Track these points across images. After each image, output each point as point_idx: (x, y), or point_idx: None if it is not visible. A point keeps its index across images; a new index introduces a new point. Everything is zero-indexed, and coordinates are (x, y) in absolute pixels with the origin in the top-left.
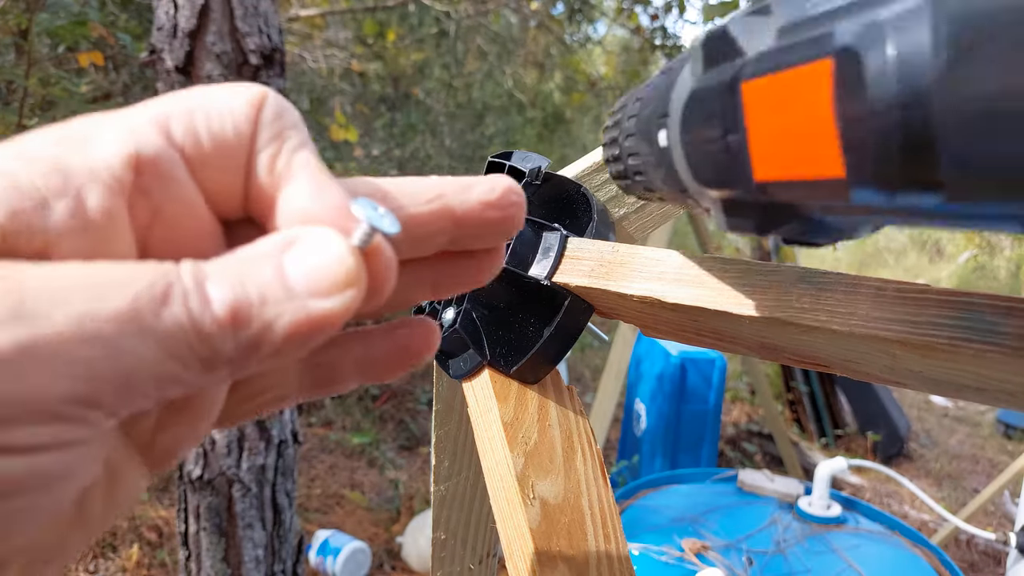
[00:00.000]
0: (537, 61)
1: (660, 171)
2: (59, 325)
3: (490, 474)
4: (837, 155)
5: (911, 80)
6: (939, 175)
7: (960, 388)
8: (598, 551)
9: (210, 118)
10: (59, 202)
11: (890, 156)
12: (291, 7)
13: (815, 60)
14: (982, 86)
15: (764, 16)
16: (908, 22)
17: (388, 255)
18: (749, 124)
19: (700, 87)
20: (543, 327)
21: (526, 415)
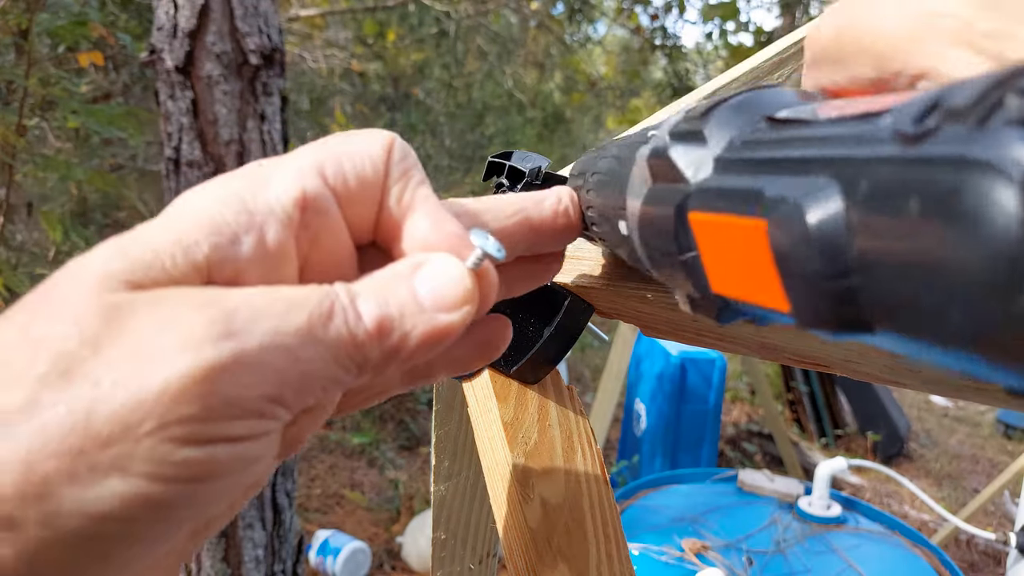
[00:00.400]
0: (537, 61)
1: (624, 249)
2: (258, 339)
3: (490, 474)
4: (781, 295)
5: (833, 254)
6: (871, 323)
7: (960, 388)
8: (598, 551)
9: (354, 161)
10: (247, 237)
11: (823, 308)
12: (291, 7)
13: (751, 216)
14: (879, 250)
15: (700, 145)
16: (824, 200)
17: (493, 276)
18: (701, 248)
19: (651, 207)
20: (543, 327)
21: (526, 415)
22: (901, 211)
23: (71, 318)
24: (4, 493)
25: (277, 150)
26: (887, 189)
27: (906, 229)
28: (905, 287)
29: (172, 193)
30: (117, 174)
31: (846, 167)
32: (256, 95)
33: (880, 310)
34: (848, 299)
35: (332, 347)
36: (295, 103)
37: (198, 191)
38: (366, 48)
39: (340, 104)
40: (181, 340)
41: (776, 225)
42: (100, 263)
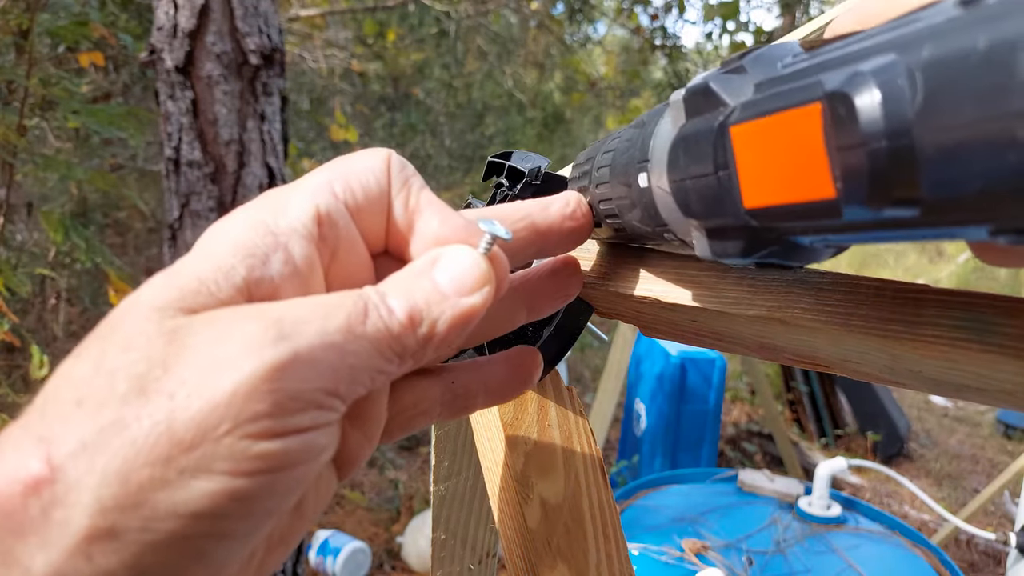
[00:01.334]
0: (537, 61)
1: (636, 211)
2: (308, 340)
3: (490, 474)
4: (828, 180)
5: (894, 116)
6: (919, 193)
7: (960, 388)
8: (598, 551)
9: (360, 177)
10: (276, 255)
11: (879, 178)
12: (291, 7)
13: (806, 104)
14: (948, 121)
15: (740, 74)
16: (887, 71)
17: (503, 257)
18: (739, 161)
19: (688, 134)
20: (543, 327)
21: (526, 415)
22: (967, 65)
23: (138, 346)
24: (106, 506)
25: (277, 150)
26: (952, 47)
27: (971, 85)
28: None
29: (172, 193)
30: (117, 174)
31: (909, 41)
32: (256, 95)
33: (939, 175)
34: (906, 168)
35: (373, 340)
36: (295, 103)
37: (224, 223)
38: (366, 48)
39: (340, 104)
40: (242, 347)
41: (833, 101)
42: (152, 296)
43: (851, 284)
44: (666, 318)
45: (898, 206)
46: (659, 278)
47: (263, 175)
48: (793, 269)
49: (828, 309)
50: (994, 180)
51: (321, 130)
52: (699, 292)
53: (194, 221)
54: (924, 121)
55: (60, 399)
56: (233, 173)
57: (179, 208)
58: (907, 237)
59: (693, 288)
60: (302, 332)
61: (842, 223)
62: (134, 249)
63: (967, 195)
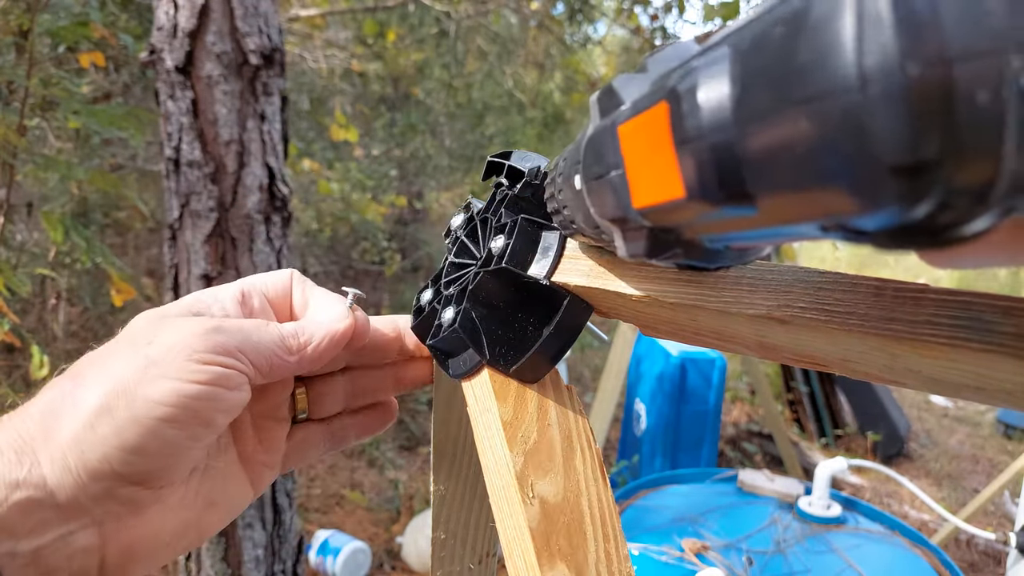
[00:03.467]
0: (537, 61)
1: (580, 214)
2: (233, 324)
3: (489, 473)
4: (677, 178)
5: (714, 111)
6: (747, 189)
7: (959, 387)
8: (597, 550)
9: (270, 279)
10: (215, 305)
11: (709, 176)
12: (291, 7)
13: (657, 103)
14: (757, 114)
15: (642, 73)
16: (713, 65)
17: (361, 313)
18: (626, 160)
19: (594, 134)
20: (542, 326)
21: (525, 414)
22: (768, 45)
23: (138, 327)
24: (107, 393)
25: (277, 150)
26: (759, 33)
27: (769, 73)
28: (778, 133)
29: (172, 193)
30: (117, 174)
31: (742, 30)
32: (256, 95)
33: (756, 168)
34: (732, 164)
35: (274, 337)
36: (295, 103)
37: (194, 299)
38: (366, 48)
39: (340, 104)
40: (196, 323)
41: (672, 99)
42: (151, 311)
43: (850, 283)
44: (666, 318)
45: (734, 204)
46: (659, 278)
47: (263, 175)
48: (722, 269)
49: (827, 308)
50: (798, 175)
51: (321, 130)
52: (699, 291)
53: (194, 221)
54: (738, 116)
55: (93, 352)
56: (233, 173)
57: (179, 208)
58: (766, 237)
59: (693, 287)
60: (230, 322)
61: (705, 222)
62: (134, 249)
63: (784, 191)
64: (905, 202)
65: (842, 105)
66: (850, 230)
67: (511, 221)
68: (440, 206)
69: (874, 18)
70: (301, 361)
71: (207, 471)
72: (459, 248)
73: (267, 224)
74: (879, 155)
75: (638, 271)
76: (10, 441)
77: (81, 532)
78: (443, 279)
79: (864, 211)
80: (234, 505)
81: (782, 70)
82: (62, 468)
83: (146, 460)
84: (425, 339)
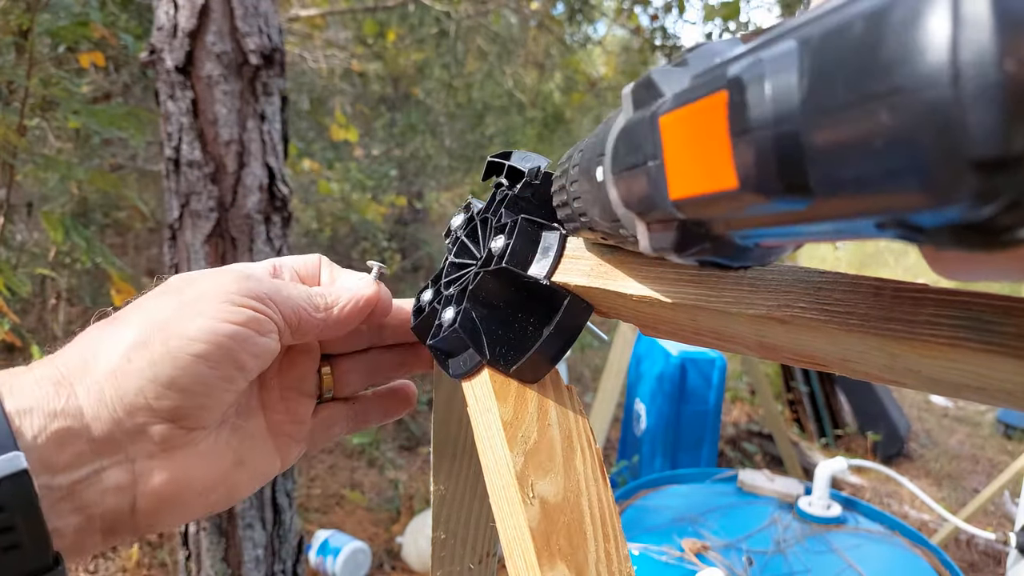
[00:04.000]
0: (537, 61)
1: (597, 207)
2: (265, 276)
3: (489, 473)
4: (731, 169)
5: (781, 103)
6: (806, 182)
7: (958, 387)
8: (597, 550)
9: (303, 259)
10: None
11: (768, 167)
12: (291, 7)
13: (715, 92)
14: (827, 107)
15: (682, 67)
16: (781, 58)
17: (385, 288)
18: (666, 150)
19: (628, 125)
20: (543, 326)
21: (525, 414)
22: (845, 38)
23: (172, 280)
24: (144, 329)
25: (277, 150)
26: (833, 27)
27: (844, 67)
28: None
29: (172, 193)
30: (117, 174)
31: (809, 25)
32: (256, 95)
33: (823, 161)
34: (794, 156)
35: (303, 292)
36: (295, 103)
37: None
38: (366, 48)
39: (340, 104)
40: (231, 270)
41: (733, 88)
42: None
43: (850, 283)
44: (666, 318)
45: (789, 197)
46: (659, 278)
47: (263, 175)
48: (742, 269)
49: (827, 308)
50: (867, 169)
51: (321, 130)
52: (699, 291)
53: (194, 221)
54: (807, 108)
55: (131, 301)
56: (233, 173)
57: (179, 208)
58: (812, 233)
59: (693, 287)
60: (263, 275)
61: (748, 216)
62: (134, 249)
63: (848, 184)
64: (979, 198)
65: (929, 99)
66: (907, 226)
67: (511, 221)
68: (440, 206)
69: (971, 15)
70: (327, 320)
71: (236, 429)
72: (459, 248)
73: (267, 224)
74: (965, 149)
75: (638, 271)
76: (49, 374)
77: (113, 469)
78: (443, 279)
79: (934, 206)
80: (261, 470)
81: (861, 64)
82: (98, 400)
83: (179, 395)
84: (425, 339)
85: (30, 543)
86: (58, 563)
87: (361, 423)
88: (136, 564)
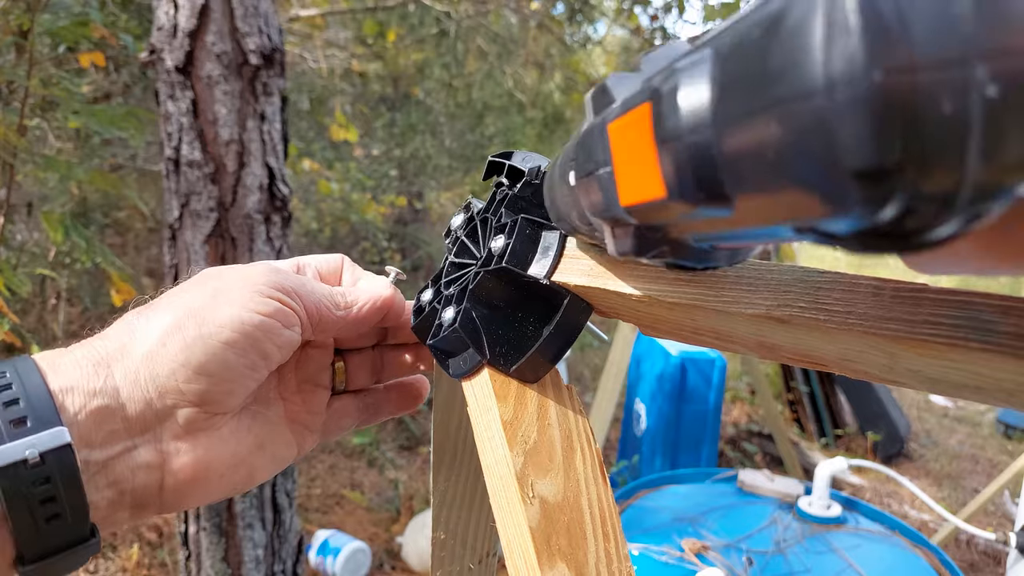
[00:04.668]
0: (537, 61)
1: (574, 211)
2: (290, 273)
3: (490, 473)
4: (659, 178)
5: (693, 112)
6: (725, 191)
7: (958, 387)
8: (597, 550)
9: (326, 259)
10: (287, 267)
11: (688, 176)
12: (291, 7)
13: (643, 103)
14: (734, 115)
15: (636, 72)
16: (695, 67)
17: (400, 294)
18: (615, 157)
19: (586, 131)
20: (542, 326)
21: (525, 414)
22: (745, 48)
23: (202, 273)
24: (179, 316)
25: (277, 150)
26: (740, 34)
27: (749, 66)
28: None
29: (172, 193)
30: (117, 174)
31: (725, 32)
32: (256, 95)
33: (732, 170)
34: (707, 158)
35: (325, 291)
36: (295, 103)
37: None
38: (366, 48)
39: (340, 104)
40: (259, 264)
41: (656, 100)
42: None
43: (850, 283)
44: (665, 317)
45: (712, 205)
46: (659, 278)
47: (263, 175)
48: (709, 270)
49: (826, 308)
50: (770, 178)
51: (321, 130)
52: (698, 291)
53: (194, 221)
54: (716, 118)
55: (164, 292)
56: (233, 173)
57: (179, 208)
58: (745, 238)
59: (692, 287)
60: (288, 271)
61: (689, 222)
62: (134, 249)
63: (757, 193)
64: (869, 206)
65: (810, 109)
66: (821, 233)
67: (511, 221)
68: (440, 206)
69: (842, 24)
70: (346, 318)
71: (257, 416)
72: (459, 248)
73: (267, 224)
74: (844, 160)
75: (638, 271)
76: (89, 355)
77: (144, 447)
78: (443, 279)
79: (831, 215)
80: (280, 455)
81: (757, 73)
82: (133, 382)
83: (207, 380)
84: (425, 339)
85: (71, 514)
86: (94, 534)
87: (373, 416)
88: (136, 564)
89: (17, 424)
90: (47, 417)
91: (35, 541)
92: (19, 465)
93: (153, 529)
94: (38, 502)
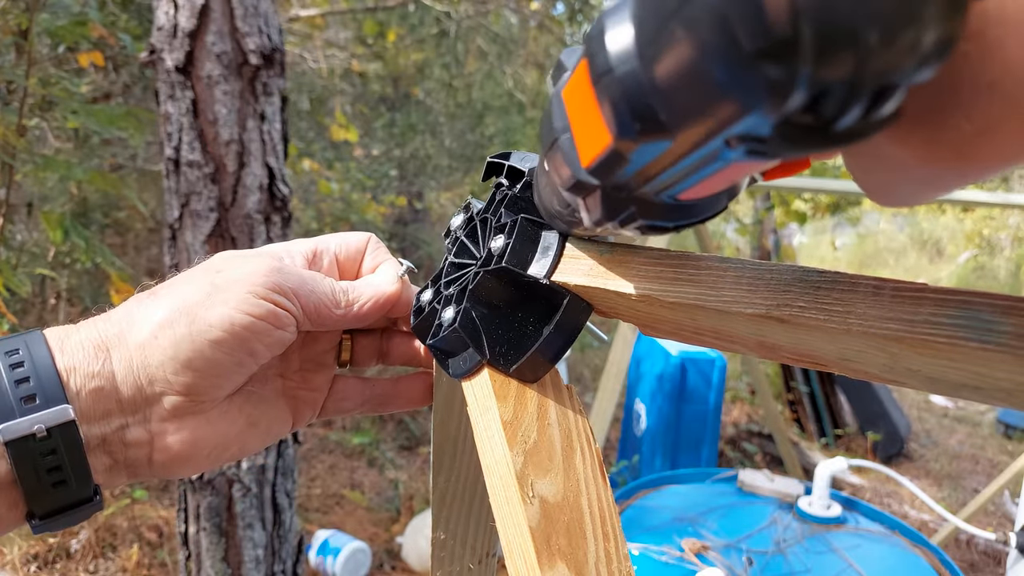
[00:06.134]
0: (537, 61)
1: (555, 198)
2: (293, 269)
3: (489, 473)
4: (603, 123)
5: (619, 47)
6: (660, 117)
7: (958, 386)
8: (597, 550)
9: (351, 239)
10: (287, 258)
11: (624, 110)
12: (291, 7)
13: (582, 58)
14: (651, 40)
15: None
16: (620, 6)
17: (409, 285)
18: (571, 120)
19: (547, 106)
20: (542, 326)
21: (525, 414)
22: None
23: (214, 259)
24: (171, 311)
25: (277, 150)
26: None
27: None
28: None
29: (172, 193)
30: (117, 174)
31: None
32: (256, 95)
33: (660, 92)
34: (638, 91)
35: (328, 287)
36: (295, 103)
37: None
38: (366, 48)
39: (340, 104)
40: (263, 260)
41: (588, 46)
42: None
43: (850, 282)
44: (665, 317)
45: (652, 137)
46: (658, 277)
47: (263, 175)
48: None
49: (826, 307)
50: (690, 84)
51: (321, 130)
52: (698, 291)
53: (194, 221)
54: (638, 44)
55: (174, 276)
56: (233, 173)
57: (179, 208)
58: (692, 173)
59: (692, 287)
60: (291, 267)
61: (642, 169)
62: (134, 249)
63: (685, 110)
64: (776, 93)
65: (707, 4)
66: (750, 139)
67: (511, 221)
68: (440, 206)
69: None
70: (346, 316)
71: (251, 395)
72: (459, 248)
73: (267, 224)
74: (742, 44)
75: (638, 270)
76: (91, 338)
77: (134, 427)
78: (443, 279)
79: (748, 111)
80: (273, 429)
81: None
82: (127, 368)
83: (194, 375)
84: (425, 339)
85: (75, 480)
86: (97, 493)
87: (379, 407)
88: (136, 564)
89: (27, 401)
90: (54, 395)
91: (44, 502)
92: (28, 438)
93: (153, 529)
94: (45, 470)
